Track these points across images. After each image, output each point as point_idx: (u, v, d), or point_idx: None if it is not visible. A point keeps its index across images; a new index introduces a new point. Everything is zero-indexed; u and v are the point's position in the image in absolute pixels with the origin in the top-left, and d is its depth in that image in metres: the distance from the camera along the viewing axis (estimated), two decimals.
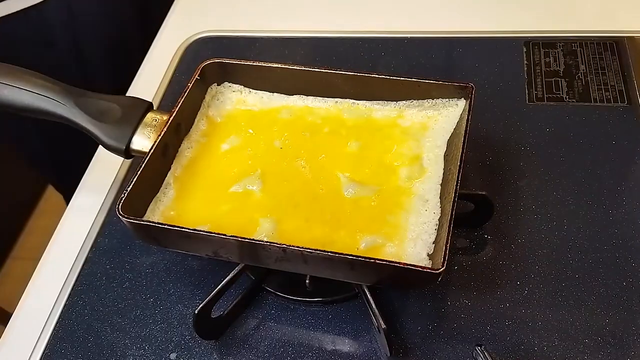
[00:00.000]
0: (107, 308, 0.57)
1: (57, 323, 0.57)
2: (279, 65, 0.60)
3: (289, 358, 0.52)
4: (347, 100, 0.60)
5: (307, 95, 0.61)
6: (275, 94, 0.62)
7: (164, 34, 0.87)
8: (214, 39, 0.84)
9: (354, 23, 0.83)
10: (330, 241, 0.50)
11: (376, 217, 0.52)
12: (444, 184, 0.53)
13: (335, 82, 0.59)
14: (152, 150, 0.53)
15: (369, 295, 0.51)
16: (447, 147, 0.55)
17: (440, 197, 0.52)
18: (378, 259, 0.45)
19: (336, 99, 0.60)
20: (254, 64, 0.61)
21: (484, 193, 0.56)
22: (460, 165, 0.50)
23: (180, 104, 0.57)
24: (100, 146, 0.73)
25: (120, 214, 0.49)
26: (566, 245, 0.56)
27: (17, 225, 1.63)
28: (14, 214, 1.65)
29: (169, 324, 0.56)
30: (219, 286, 0.52)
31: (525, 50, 0.74)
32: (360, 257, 0.45)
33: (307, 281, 0.56)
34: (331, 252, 0.45)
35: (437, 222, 0.51)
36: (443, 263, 0.44)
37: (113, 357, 0.54)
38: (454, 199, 0.48)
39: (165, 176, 0.56)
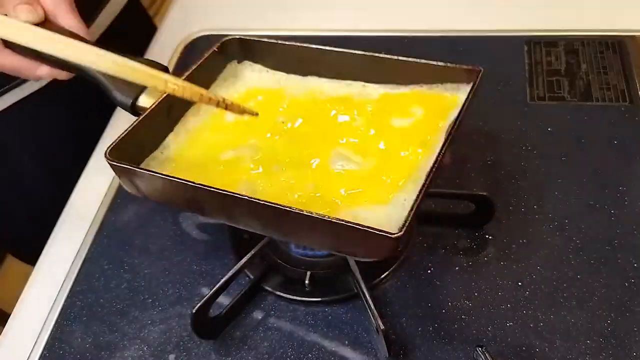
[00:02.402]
0: (106, 309, 0.57)
1: (55, 324, 0.57)
2: (298, 44, 0.60)
3: (288, 358, 0.52)
4: (359, 82, 0.60)
5: (321, 77, 0.61)
6: (291, 75, 0.62)
7: (164, 32, 0.87)
8: (212, 37, 0.83)
9: (354, 23, 0.82)
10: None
11: (365, 191, 0.50)
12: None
13: (348, 64, 0.59)
14: (154, 106, 0.53)
15: (368, 296, 0.51)
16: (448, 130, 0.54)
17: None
18: (334, 218, 0.43)
19: (348, 81, 0.60)
20: (273, 41, 0.61)
21: (484, 194, 0.55)
22: (448, 138, 0.48)
23: (191, 70, 0.57)
24: (99, 145, 0.74)
25: (107, 158, 0.48)
26: (567, 245, 0.56)
27: None
28: None
29: (168, 325, 0.55)
30: (217, 285, 0.52)
31: (526, 49, 0.74)
32: (314, 214, 0.43)
33: (306, 281, 0.55)
34: (288, 206, 0.44)
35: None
36: (402, 228, 0.42)
37: (112, 358, 0.54)
38: (433, 167, 0.45)
39: (166, 137, 0.56)
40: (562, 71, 0.71)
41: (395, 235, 0.41)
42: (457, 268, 0.56)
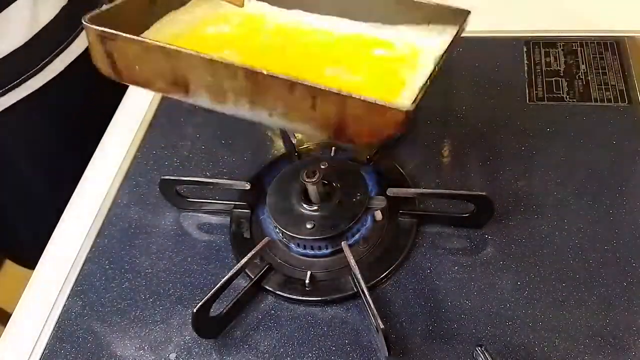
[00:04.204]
0: (107, 308, 0.57)
1: (56, 323, 0.57)
2: None
3: (288, 358, 0.52)
4: (345, 19, 0.56)
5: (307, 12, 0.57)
6: (274, 7, 0.58)
7: None
8: None
9: None
10: None
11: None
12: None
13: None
14: None
15: (367, 295, 0.51)
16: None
17: None
18: (335, 89, 0.40)
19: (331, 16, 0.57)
20: None
21: (484, 194, 0.55)
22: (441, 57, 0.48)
23: None
24: (101, 144, 0.74)
25: (85, 23, 0.46)
26: (567, 245, 0.56)
27: None
28: None
29: (169, 324, 0.55)
30: (218, 285, 0.52)
31: (525, 49, 0.74)
32: (315, 84, 0.41)
33: (306, 281, 0.56)
34: (290, 77, 0.41)
35: None
36: (413, 103, 0.40)
37: (112, 357, 0.54)
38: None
39: (148, 28, 0.53)
40: (561, 72, 0.71)
41: (406, 109, 0.40)
42: (457, 268, 0.56)
